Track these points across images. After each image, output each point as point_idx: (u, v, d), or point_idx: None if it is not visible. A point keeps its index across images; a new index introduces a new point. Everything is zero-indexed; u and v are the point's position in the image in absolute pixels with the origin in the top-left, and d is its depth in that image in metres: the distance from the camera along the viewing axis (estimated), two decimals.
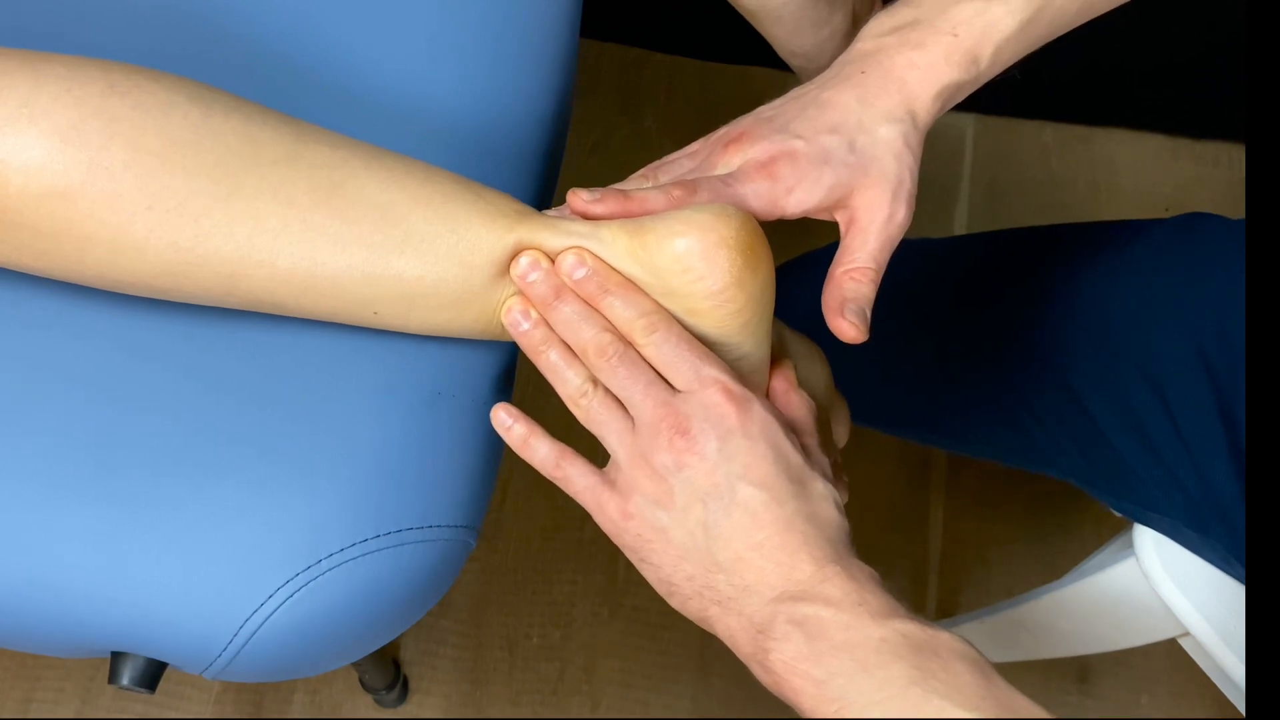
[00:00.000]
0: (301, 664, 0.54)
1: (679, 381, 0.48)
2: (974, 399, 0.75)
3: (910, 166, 0.51)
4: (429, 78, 0.62)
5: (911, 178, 0.51)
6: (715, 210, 0.48)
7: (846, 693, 0.42)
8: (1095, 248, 0.74)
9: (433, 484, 0.54)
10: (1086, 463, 0.70)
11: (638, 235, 0.49)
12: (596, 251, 0.49)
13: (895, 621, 0.43)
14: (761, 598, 0.45)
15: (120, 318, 0.53)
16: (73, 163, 0.45)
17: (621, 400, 0.49)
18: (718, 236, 0.48)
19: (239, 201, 0.47)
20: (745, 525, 0.46)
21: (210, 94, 0.48)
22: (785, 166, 0.51)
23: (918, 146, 0.52)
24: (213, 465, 0.51)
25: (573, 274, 0.49)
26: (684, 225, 0.48)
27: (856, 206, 0.51)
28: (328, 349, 0.54)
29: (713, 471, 0.46)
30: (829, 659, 0.43)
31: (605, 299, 0.49)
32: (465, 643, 1.09)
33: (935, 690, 0.41)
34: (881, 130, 0.51)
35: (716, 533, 0.46)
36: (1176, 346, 0.65)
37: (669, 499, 0.47)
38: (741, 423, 0.47)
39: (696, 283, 0.48)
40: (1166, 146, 1.37)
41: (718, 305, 0.48)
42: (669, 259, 0.48)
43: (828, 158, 0.51)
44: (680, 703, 1.09)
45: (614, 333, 0.49)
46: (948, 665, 0.42)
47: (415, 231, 0.49)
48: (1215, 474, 0.63)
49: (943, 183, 1.34)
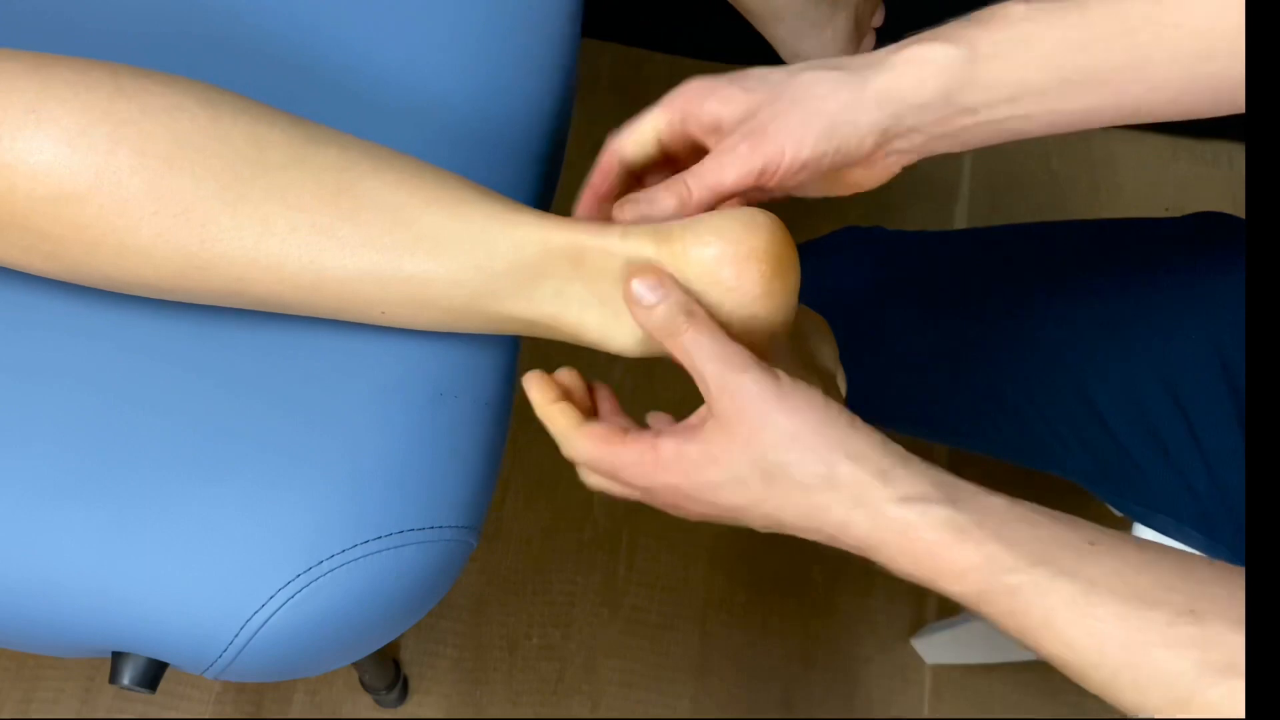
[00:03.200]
0: (302, 664, 0.54)
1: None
2: (978, 395, 0.75)
3: (834, 111, 0.48)
4: (429, 77, 0.62)
5: (828, 122, 0.48)
6: (744, 219, 0.48)
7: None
8: (1106, 244, 0.73)
9: (435, 485, 0.54)
10: (1092, 461, 0.69)
11: (666, 244, 0.48)
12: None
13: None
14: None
15: (123, 318, 0.53)
16: (80, 167, 0.45)
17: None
18: (748, 248, 0.47)
19: (246, 206, 0.47)
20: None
21: (218, 96, 0.48)
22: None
23: (854, 100, 0.48)
24: (214, 465, 0.51)
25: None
26: (713, 236, 0.47)
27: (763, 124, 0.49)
28: (330, 349, 0.54)
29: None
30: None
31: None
32: (465, 643, 1.10)
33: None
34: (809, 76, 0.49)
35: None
36: (1192, 346, 0.65)
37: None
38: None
39: (726, 294, 0.48)
40: (1166, 146, 1.37)
41: (748, 316, 0.48)
42: (698, 269, 0.47)
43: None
44: (680, 703, 1.09)
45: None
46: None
47: (428, 234, 0.49)
48: (1230, 476, 0.63)
49: (943, 182, 1.34)
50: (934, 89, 0.48)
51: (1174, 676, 0.38)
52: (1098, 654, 0.40)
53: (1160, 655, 0.39)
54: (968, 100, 0.48)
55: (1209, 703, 0.37)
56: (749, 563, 1.13)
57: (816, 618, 1.12)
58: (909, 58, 0.48)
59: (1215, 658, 0.38)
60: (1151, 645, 0.39)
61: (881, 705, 1.12)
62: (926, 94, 0.48)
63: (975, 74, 0.47)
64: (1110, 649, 0.39)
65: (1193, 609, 0.39)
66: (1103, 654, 0.40)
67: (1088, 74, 0.47)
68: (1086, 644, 0.40)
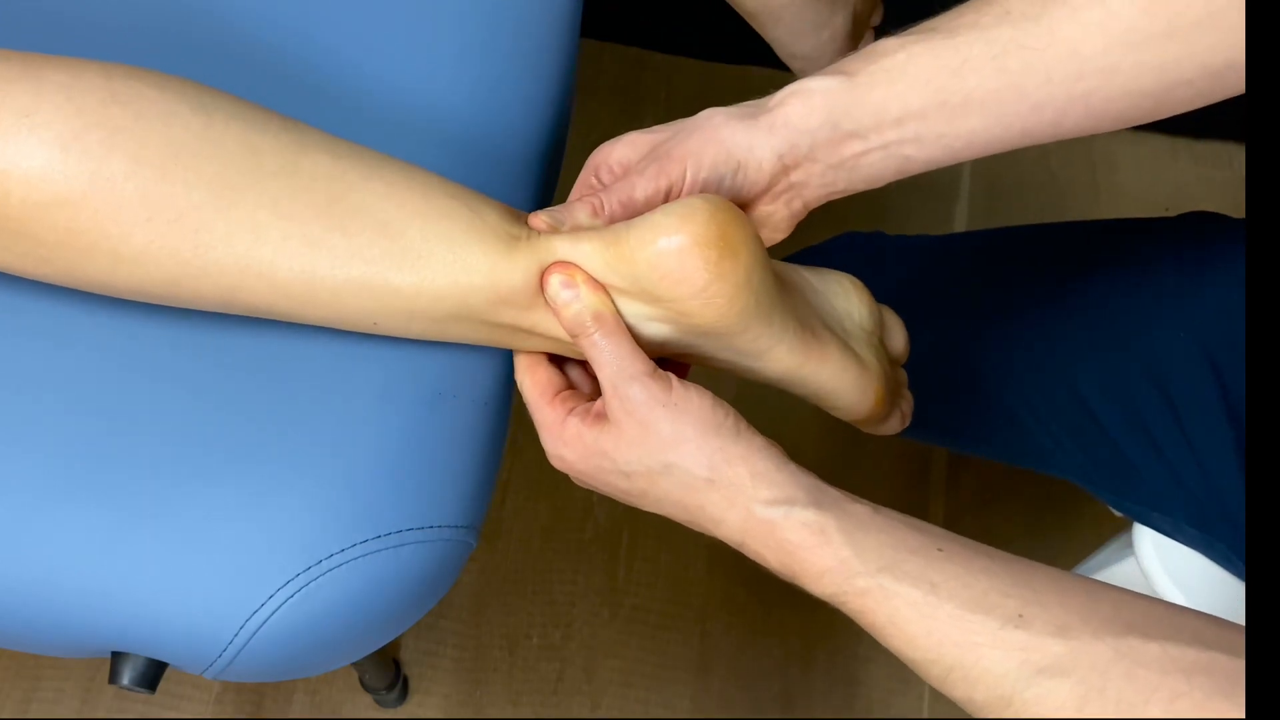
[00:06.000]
0: (302, 664, 0.54)
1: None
2: (974, 396, 0.75)
3: (715, 155, 0.51)
4: (429, 77, 0.62)
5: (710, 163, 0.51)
6: (680, 210, 0.48)
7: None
8: (1098, 245, 0.74)
9: (434, 484, 0.54)
10: (1088, 460, 0.70)
11: (614, 246, 0.48)
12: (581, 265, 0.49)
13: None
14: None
15: (120, 322, 0.53)
16: (74, 173, 0.45)
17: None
18: (688, 237, 0.47)
19: (239, 213, 0.47)
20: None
21: (212, 100, 0.48)
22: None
23: (746, 137, 0.51)
24: (214, 465, 0.51)
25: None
26: (653, 231, 0.47)
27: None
28: (329, 351, 0.54)
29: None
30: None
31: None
32: (465, 643, 1.10)
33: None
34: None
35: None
36: (1182, 344, 0.65)
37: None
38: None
39: (678, 286, 0.48)
40: (1166, 146, 1.37)
41: (706, 303, 0.48)
42: (645, 267, 0.48)
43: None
44: (680, 703, 1.09)
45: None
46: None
47: (413, 247, 0.49)
48: (1220, 472, 0.63)
49: (943, 183, 1.34)
50: (821, 115, 0.51)
51: (999, 676, 0.42)
52: (935, 652, 0.44)
53: (989, 655, 0.43)
54: (853, 125, 0.51)
55: (1027, 701, 0.42)
56: (749, 563, 1.13)
57: (816, 618, 1.12)
58: (794, 91, 0.51)
59: (1037, 659, 0.42)
60: (982, 646, 0.43)
61: (881, 705, 1.12)
62: (814, 120, 0.51)
63: (856, 99, 0.50)
64: (946, 648, 0.43)
65: (1021, 614, 0.43)
66: (940, 652, 0.43)
67: (963, 96, 0.49)
68: (926, 643, 0.44)
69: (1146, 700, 0.40)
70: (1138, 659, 0.41)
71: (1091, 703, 0.41)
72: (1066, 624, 0.43)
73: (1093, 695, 0.41)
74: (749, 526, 0.48)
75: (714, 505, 0.48)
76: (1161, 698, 0.40)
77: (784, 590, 0.52)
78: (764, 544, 0.48)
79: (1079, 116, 0.50)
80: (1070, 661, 0.42)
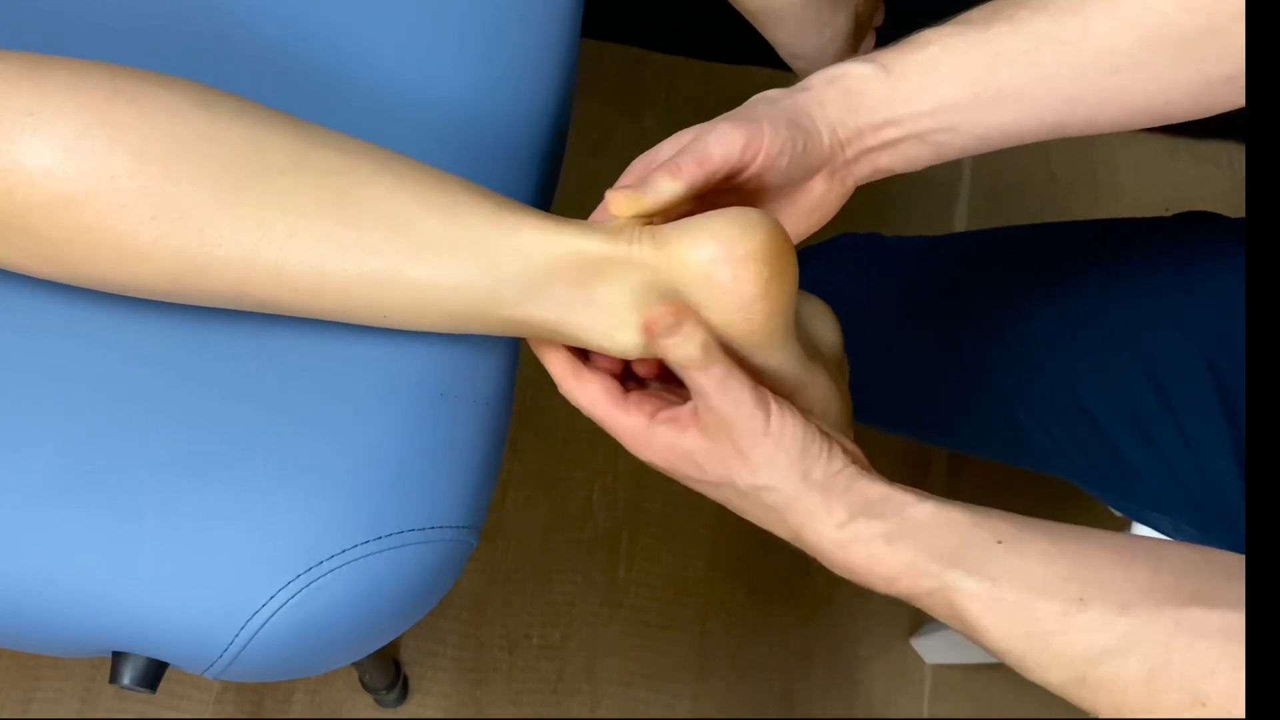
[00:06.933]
0: (303, 664, 0.54)
1: None
2: (973, 398, 0.75)
3: (774, 125, 0.51)
4: (429, 77, 0.62)
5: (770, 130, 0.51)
6: (740, 220, 0.47)
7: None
8: (1096, 245, 0.74)
9: (435, 485, 0.54)
10: (1087, 461, 0.70)
11: (663, 248, 0.48)
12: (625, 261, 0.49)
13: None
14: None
15: (124, 320, 0.53)
16: (78, 171, 0.45)
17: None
18: (745, 249, 0.47)
19: (244, 210, 0.47)
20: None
21: (216, 99, 0.48)
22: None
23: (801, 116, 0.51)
24: (215, 466, 0.51)
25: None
26: (709, 237, 0.47)
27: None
28: (331, 351, 0.54)
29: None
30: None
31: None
32: (465, 643, 1.10)
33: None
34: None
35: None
36: (1179, 344, 0.65)
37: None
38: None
39: (724, 296, 0.48)
40: (1166, 146, 1.37)
41: (748, 318, 0.48)
42: (694, 272, 0.47)
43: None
44: (680, 703, 1.09)
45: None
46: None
47: (430, 240, 0.48)
48: (1218, 471, 0.63)
49: (943, 182, 1.34)
50: (859, 98, 0.51)
51: (1070, 659, 0.44)
52: (1006, 642, 0.45)
53: (1057, 641, 0.44)
54: (890, 111, 0.51)
55: (1100, 679, 0.43)
56: (749, 563, 1.13)
57: (816, 618, 1.12)
58: (830, 76, 0.52)
59: (1102, 640, 0.43)
60: (1049, 633, 0.44)
61: (881, 705, 1.12)
62: (854, 101, 0.51)
63: (892, 88, 0.51)
64: (1015, 638, 0.45)
65: (1082, 596, 0.44)
66: (1010, 643, 0.45)
67: (997, 89, 0.50)
68: (996, 634, 0.45)
69: (1212, 670, 0.41)
70: (1200, 630, 0.42)
71: (1159, 676, 0.42)
72: (1129, 600, 0.43)
73: (1159, 669, 0.42)
74: (822, 545, 0.49)
75: (794, 518, 0.49)
76: (1226, 667, 0.41)
77: (784, 591, 0.52)
78: (837, 560, 0.49)
79: (1114, 111, 0.50)
80: (1134, 639, 0.42)
